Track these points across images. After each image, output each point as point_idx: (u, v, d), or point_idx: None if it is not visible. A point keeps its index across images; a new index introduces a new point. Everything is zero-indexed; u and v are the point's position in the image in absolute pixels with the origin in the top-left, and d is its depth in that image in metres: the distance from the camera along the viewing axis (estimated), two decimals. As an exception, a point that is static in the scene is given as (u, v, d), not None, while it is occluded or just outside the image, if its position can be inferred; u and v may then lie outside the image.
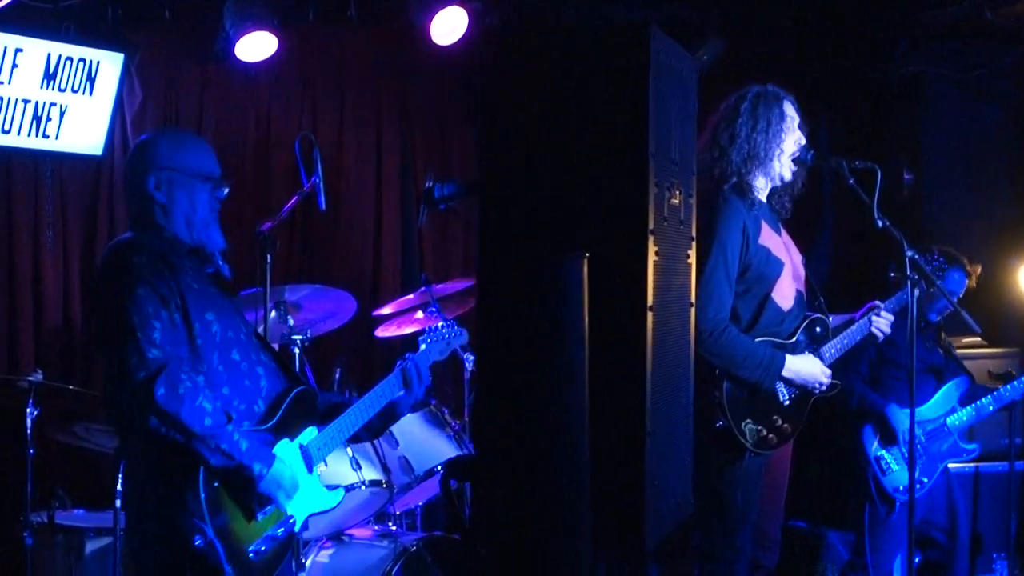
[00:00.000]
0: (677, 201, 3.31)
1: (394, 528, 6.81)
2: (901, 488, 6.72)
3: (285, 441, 4.49)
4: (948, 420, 6.81)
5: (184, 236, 4.53)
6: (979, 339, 7.58)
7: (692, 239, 3.63)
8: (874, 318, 5.89)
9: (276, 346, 6.31)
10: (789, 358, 5.60)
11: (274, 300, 6.38)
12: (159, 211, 4.53)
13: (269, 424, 4.36)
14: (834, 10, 8.28)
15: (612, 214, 3.06)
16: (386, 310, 7.04)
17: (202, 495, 4.15)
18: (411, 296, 6.92)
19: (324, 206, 6.29)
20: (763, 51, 8.19)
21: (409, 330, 7.01)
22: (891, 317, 5.94)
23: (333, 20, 7.80)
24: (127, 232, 4.65)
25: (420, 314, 6.94)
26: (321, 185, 6.23)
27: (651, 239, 3.06)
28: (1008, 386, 6.73)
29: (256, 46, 7.47)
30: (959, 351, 7.38)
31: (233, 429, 4.23)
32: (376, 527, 6.64)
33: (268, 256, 6.01)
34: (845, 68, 8.57)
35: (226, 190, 4.68)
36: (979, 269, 6.99)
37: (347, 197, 8.04)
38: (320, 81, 8.23)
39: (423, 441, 6.50)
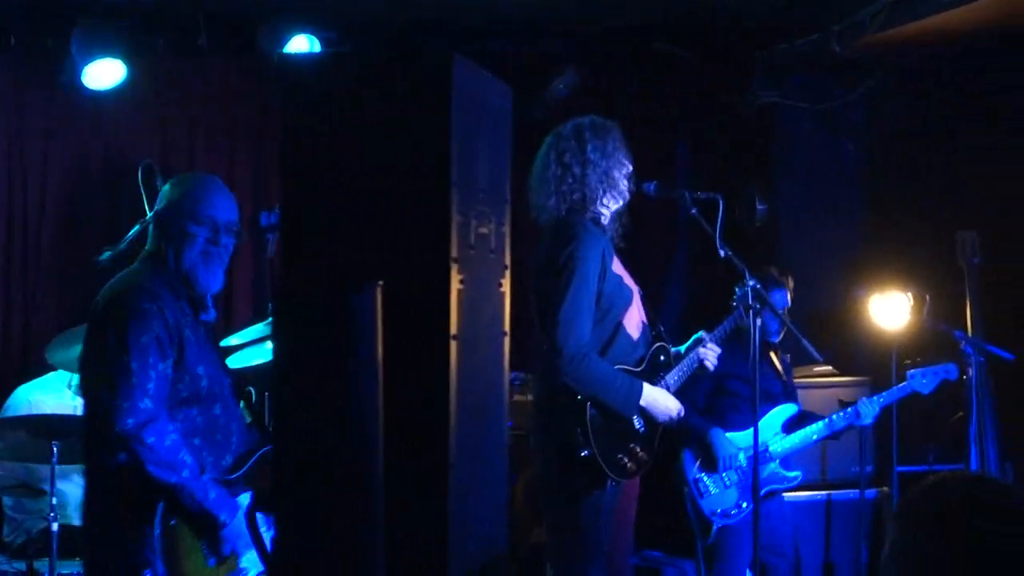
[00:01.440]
0: (486, 230, 3.32)
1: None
2: (719, 511, 6.78)
3: (247, 495, 4.56)
4: (771, 446, 6.88)
5: (192, 281, 4.65)
6: (830, 368, 7.71)
7: (506, 267, 3.62)
8: (701, 350, 5.96)
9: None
10: (646, 387, 5.65)
11: None
12: (173, 253, 4.67)
13: (235, 476, 4.47)
14: (690, 41, 8.33)
15: (414, 243, 3.07)
16: (234, 340, 6.88)
17: (156, 530, 4.29)
18: (260, 326, 6.86)
19: None
20: (621, 81, 8.34)
21: (258, 361, 6.90)
22: (717, 349, 6.01)
23: (184, 50, 7.83)
24: (137, 263, 4.84)
25: (269, 345, 6.81)
26: None
27: (454, 267, 3.07)
28: (838, 414, 6.86)
29: (104, 73, 7.42)
30: (809, 379, 7.60)
31: (207, 479, 4.43)
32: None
33: None
34: (701, 98, 8.59)
35: (234, 239, 4.80)
36: (791, 281, 7.11)
37: None
38: (171, 110, 8.13)
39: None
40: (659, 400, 5.71)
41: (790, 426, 6.95)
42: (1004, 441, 7.42)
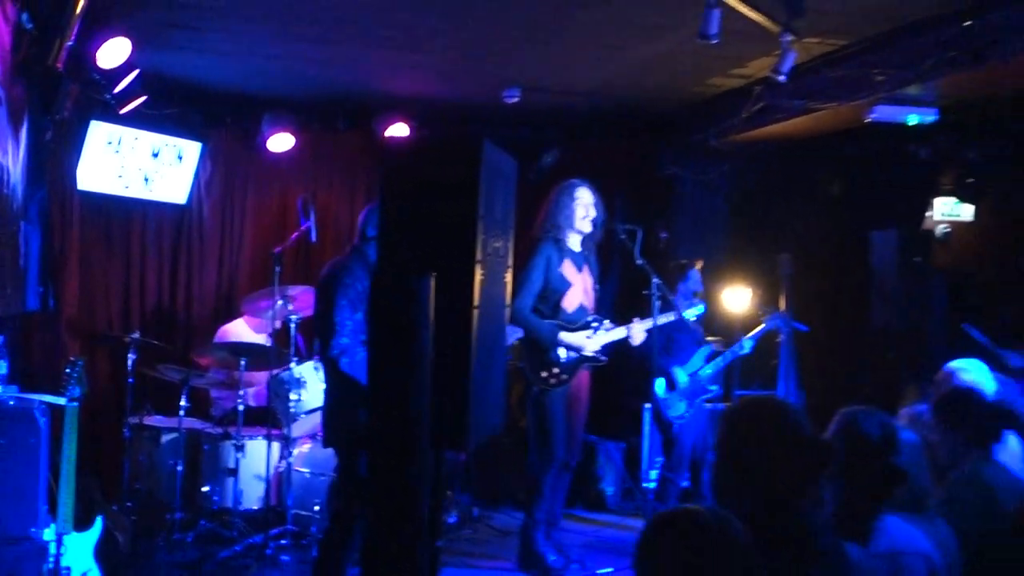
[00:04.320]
0: (499, 244, 3.26)
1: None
2: (675, 415, 6.85)
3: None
4: (700, 372, 6.93)
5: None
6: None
7: (508, 267, 3.50)
8: (632, 327, 6.06)
9: (280, 323, 6.63)
10: (563, 333, 5.84)
11: (281, 294, 6.46)
12: (370, 246, 4.83)
13: None
14: (629, 132, 8.50)
15: (456, 251, 2.94)
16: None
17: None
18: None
19: (315, 238, 6.82)
20: (586, 156, 8.19)
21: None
22: (643, 326, 6.05)
23: (329, 127, 8.02)
24: (345, 254, 5.13)
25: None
26: (312, 227, 6.73)
27: (479, 266, 2.97)
28: (728, 351, 6.97)
29: (281, 142, 7.63)
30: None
31: None
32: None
33: (278, 267, 6.33)
34: (631, 169, 8.64)
35: None
36: (700, 263, 7.16)
37: (328, 235, 7.73)
38: (320, 166, 8.22)
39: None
40: (573, 341, 5.84)
41: (708, 358, 7.00)
42: (799, 379, 7.53)
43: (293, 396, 6.13)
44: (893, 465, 2.86)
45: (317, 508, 6.07)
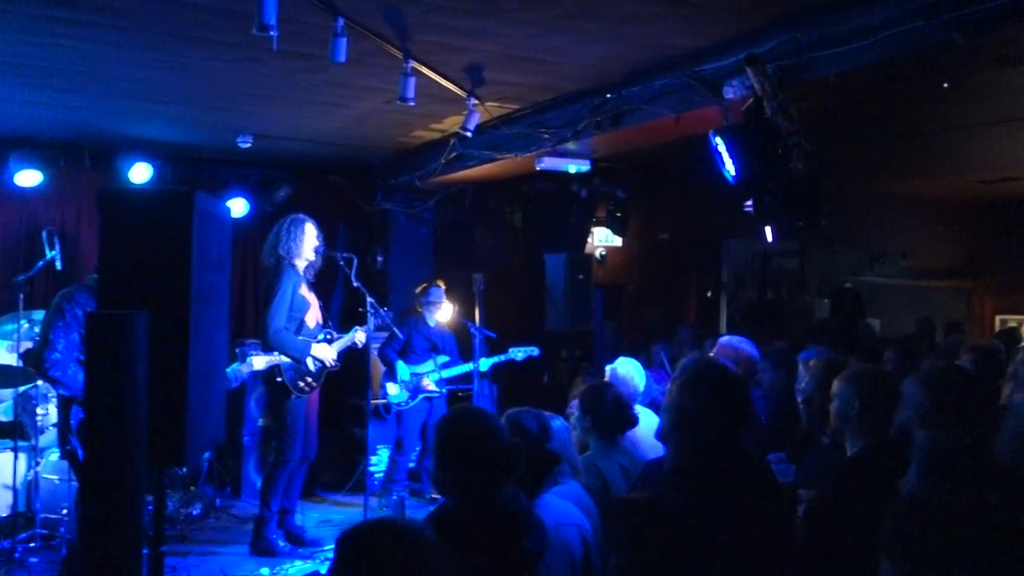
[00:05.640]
0: (216, 281, 3.13)
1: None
2: (395, 402, 6.88)
3: None
4: (429, 375, 6.97)
5: None
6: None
7: (227, 300, 3.35)
8: (357, 333, 6.01)
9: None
10: (314, 345, 5.82)
11: (27, 318, 6.01)
12: None
13: None
14: (350, 172, 8.42)
15: (174, 289, 2.79)
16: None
17: None
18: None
19: (60, 267, 6.50)
20: (314, 192, 8.18)
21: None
22: (362, 332, 6.00)
23: (77, 165, 7.38)
24: (78, 284, 4.87)
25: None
26: (58, 257, 6.41)
27: (191, 304, 2.82)
28: (464, 366, 6.97)
29: (28, 178, 7.00)
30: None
31: None
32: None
33: (21, 294, 5.88)
34: (351, 205, 8.58)
35: None
36: (442, 283, 7.22)
37: (75, 265, 7.20)
38: (67, 200, 7.49)
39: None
40: (322, 353, 5.82)
41: (444, 367, 7.02)
42: (492, 375, 7.45)
43: (40, 410, 5.84)
44: (549, 451, 3.01)
45: (65, 512, 5.64)
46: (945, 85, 5.13)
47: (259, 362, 5.73)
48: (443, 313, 7.38)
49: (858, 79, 4.46)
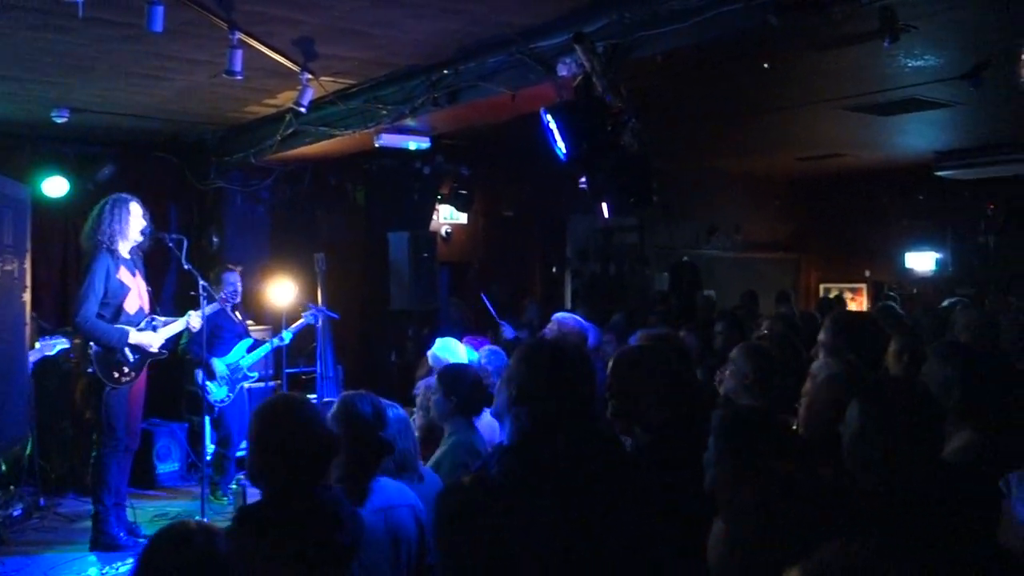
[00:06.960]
0: (12, 267, 2.89)
1: None
2: (217, 400, 6.71)
3: None
4: (241, 362, 6.86)
5: None
6: (253, 321, 7.50)
7: (26, 287, 3.07)
8: (190, 317, 5.92)
9: None
10: (132, 332, 5.61)
11: None
12: None
13: None
14: (179, 149, 8.03)
15: None
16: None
17: None
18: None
19: None
20: (141, 170, 7.85)
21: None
22: (196, 315, 5.90)
23: None
24: None
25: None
26: None
27: None
28: (271, 340, 6.94)
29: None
30: (253, 325, 7.39)
31: None
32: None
33: None
34: (183, 183, 8.18)
35: None
36: (239, 268, 6.97)
37: None
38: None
39: None
40: (143, 339, 5.65)
41: (250, 349, 6.91)
42: (336, 356, 7.59)
43: None
44: (382, 438, 2.90)
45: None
46: (765, 66, 5.38)
47: (47, 348, 5.47)
48: (283, 295, 7.26)
49: (683, 59, 4.60)
